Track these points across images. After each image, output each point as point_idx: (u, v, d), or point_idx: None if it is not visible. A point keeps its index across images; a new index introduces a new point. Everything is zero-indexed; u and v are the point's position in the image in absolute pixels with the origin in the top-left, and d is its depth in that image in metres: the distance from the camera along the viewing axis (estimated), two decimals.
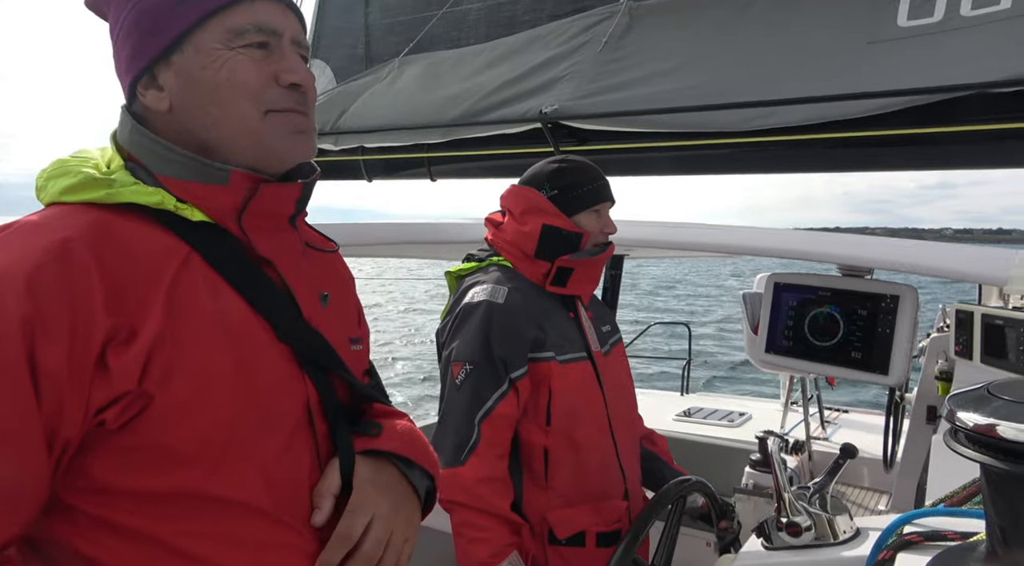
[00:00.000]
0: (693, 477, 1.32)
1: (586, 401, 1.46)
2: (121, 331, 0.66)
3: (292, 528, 0.75)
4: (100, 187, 0.72)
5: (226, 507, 0.71)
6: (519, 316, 1.40)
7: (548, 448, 1.42)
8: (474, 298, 1.43)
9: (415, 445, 0.86)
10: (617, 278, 3.35)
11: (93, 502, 0.68)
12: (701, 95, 2.08)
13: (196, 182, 0.76)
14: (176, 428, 0.68)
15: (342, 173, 3.10)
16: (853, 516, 0.98)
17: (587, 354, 1.50)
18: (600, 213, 1.52)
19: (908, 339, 1.57)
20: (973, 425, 0.50)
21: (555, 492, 1.43)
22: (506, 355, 1.38)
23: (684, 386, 4.43)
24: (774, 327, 1.78)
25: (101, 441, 0.68)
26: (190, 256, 0.73)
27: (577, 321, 1.53)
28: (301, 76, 0.78)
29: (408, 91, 2.86)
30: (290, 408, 0.77)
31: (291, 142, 0.78)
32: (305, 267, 0.85)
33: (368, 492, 0.78)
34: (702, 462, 2.93)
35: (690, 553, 2.52)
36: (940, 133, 1.76)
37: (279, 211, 0.81)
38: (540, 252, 1.47)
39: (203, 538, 0.70)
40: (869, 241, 1.70)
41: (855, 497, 2.86)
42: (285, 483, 0.75)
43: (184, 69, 0.76)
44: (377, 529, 0.77)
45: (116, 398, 0.66)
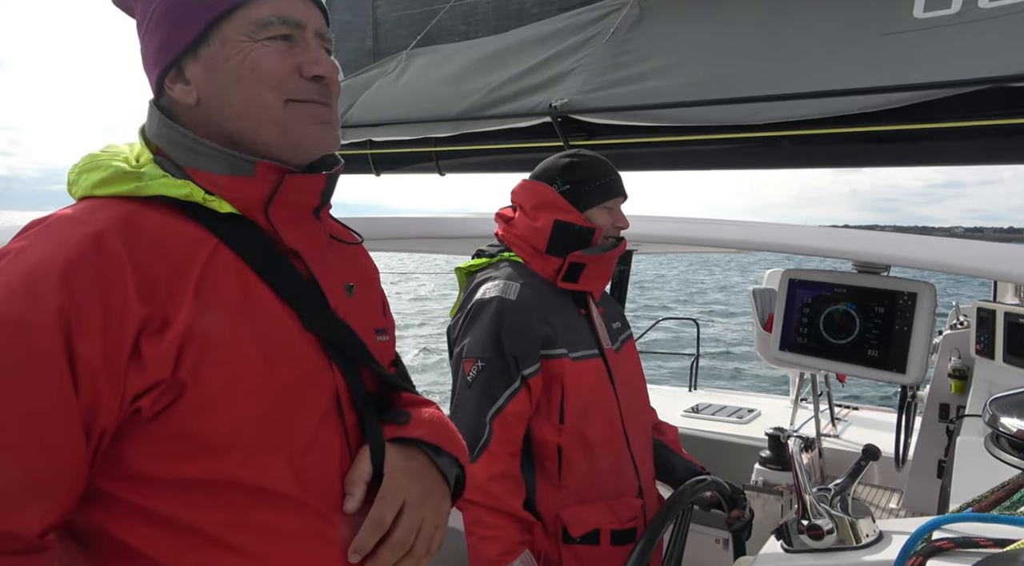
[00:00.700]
0: (709, 477, 1.30)
1: (599, 398, 1.45)
2: (154, 321, 0.68)
3: (324, 516, 0.76)
4: (130, 180, 0.74)
5: (258, 495, 0.72)
6: (531, 313, 1.39)
7: (561, 446, 1.41)
8: (485, 294, 1.42)
9: (444, 433, 0.87)
10: (626, 273, 3.32)
11: (129, 490, 0.70)
12: (711, 89, 2.05)
13: (223, 174, 0.77)
14: (208, 417, 0.69)
15: (350, 167, 3.05)
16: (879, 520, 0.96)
17: (599, 351, 1.48)
18: (612, 208, 1.50)
19: (926, 337, 1.55)
20: (1017, 431, 0.48)
21: (568, 490, 1.41)
22: (518, 352, 1.36)
23: (692, 382, 4.41)
24: (788, 324, 1.76)
25: (137, 429, 0.69)
26: (218, 247, 0.74)
27: (588, 318, 1.51)
28: (325, 68, 0.78)
29: (416, 84, 2.84)
30: (319, 397, 0.78)
31: (314, 132, 0.79)
32: (331, 259, 0.85)
33: (398, 479, 0.79)
34: (711, 458, 2.90)
35: (700, 551, 2.51)
36: (955, 128, 1.73)
37: (304, 203, 0.82)
38: (552, 248, 1.46)
39: (237, 526, 0.71)
40: (886, 237, 1.68)
41: (866, 495, 2.84)
42: (315, 471, 0.76)
43: (210, 61, 0.77)
44: (408, 516, 0.78)
45: (151, 386, 0.67)
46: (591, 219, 1.47)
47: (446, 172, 2.88)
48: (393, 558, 0.78)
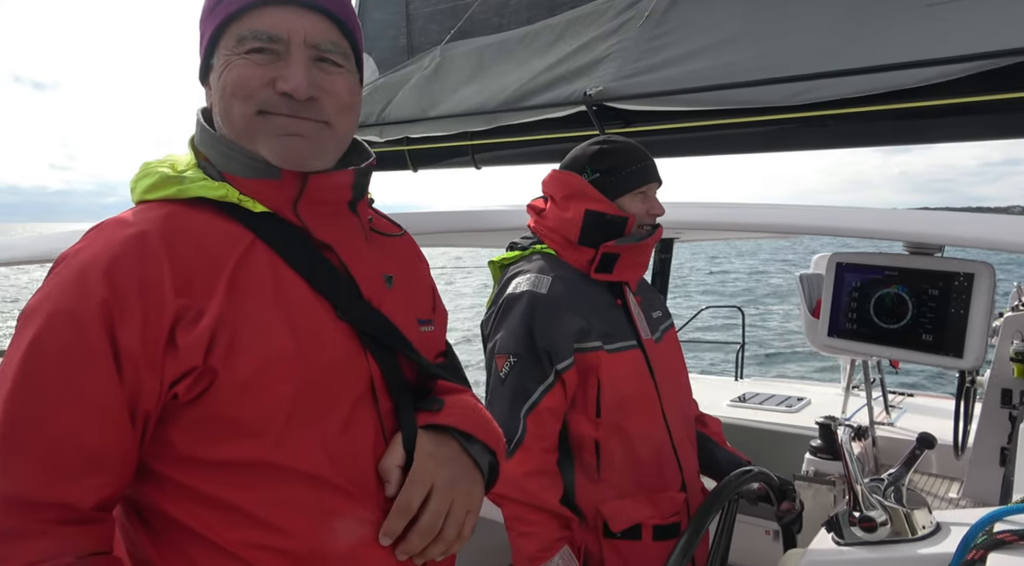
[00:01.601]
0: (755, 468, 1.27)
1: (637, 391, 1.42)
2: (189, 312, 0.73)
3: (357, 498, 0.79)
4: (173, 184, 0.80)
5: (292, 476, 0.76)
6: (563, 306, 1.37)
7: (599, 440, 1.39)
8: (517, 288, 1.40)
9: (476, 420, 0.88)
10: (667, 262, 3.27)
11: (176, 470, 0.76)
12: (749, 70, 1.99)
13: (252, 178, 0.82)
14: (240, 402, 0.74)
15: (387, 164, 3.11)
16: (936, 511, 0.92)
17: (637, 342, 1.45)
18: (646, 195, 1.46)
19: (984, 320, 1.48)
20: None
21: (608, 484, 1.40)
22: (550, 346, 1.35)
23: (738, 371, 4.33)
24: (837, 309, 1.70)
25: (177, 414, 0.75)
26: (254, 243, 0.79)
27: (625, 308, 1.48)
28: (292, 85, 0.78)
29: (450, 79, 2.85)
30: (352, 384, 0.81)
31: (279, 143, 0.80)
32: (368, 251, 0.89)
33: (427, 464, 0.81)
34: (759, 448, 2.85)
35: (751, 542, 2.47)
36: (1007, 100, 1.64)
37: (335, 199, 0.85)
38: (584, 238, 1.43)
39: (273, 505, 0.75)
40: (939, 216, 1.60)
41: (924, 484, 2.74)
42: (348, 456, 0.79)
43: (214, 73, 0.83)
44: (436, 501, 0.80)
45: (185, 373, 0.72)
46: (623, 207, 1.43)
47: (482, 165, 2.88)
48: (423, 542, 0.80)
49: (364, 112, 3.05)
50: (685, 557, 0.98)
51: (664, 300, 1.70)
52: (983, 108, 1.70)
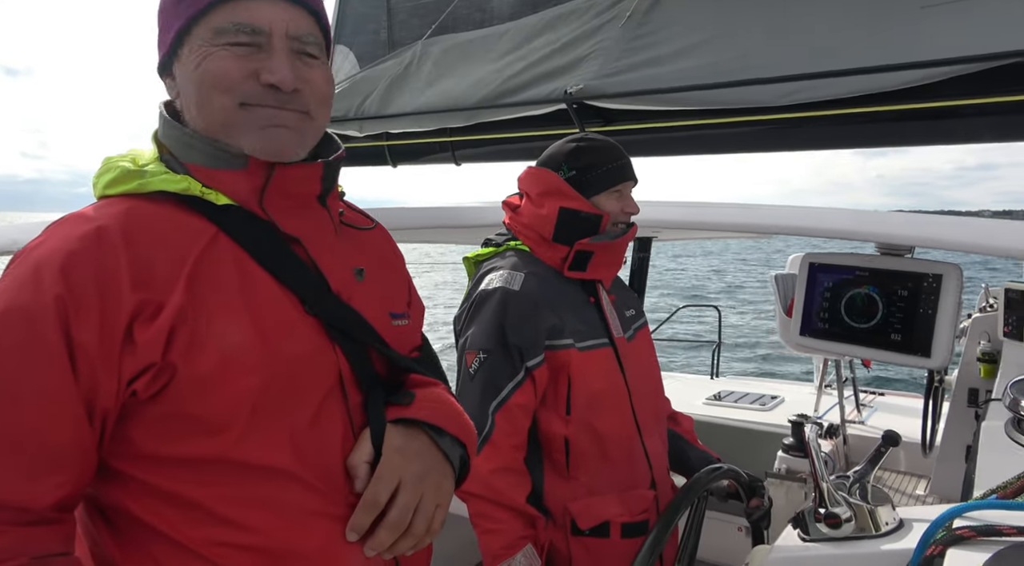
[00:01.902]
0: (724, 465, 1.28)
1: (608, 389, 1.42)
2: (147, 307, 0.71)
3: (324, 494, 0.78)
4: (134, 178, 0.79)
5: (257, 473, 0.75)
6: (535, 303, 1.37)
7: (568, 437, 1.38)
8: (489, 285, 1.40)
9: (447, 413, 0.88)
10: (645, 261, 3.29)
11: (138, 468, 0.74)
12: (733, 70, 2.00)
13: (216, 168, 0.80)
14: (201, 398, 0.72)
15: (367, 159, 3.09)
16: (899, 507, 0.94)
17: (609, 340, 1.45)
18: (621, 193, 1.46)
19: (952, 320, 1.50)
20: None
21: (578, 482, 1.40)
22: (522, 343, 1.35)
23: (714, 370, 4.37)
24: (809, 309, 1.73)
25: (137, 411, 0.73)
26: (217, 236, 0.78)
27: (598, 306, 1.48)
28: (279, 77, 0.78)
29: (431, 75, 2.83)
30: (320, 379, 0.80)
31: (263, 135, 0.79)
32: (339, 244, 0.88)
33: (395, 459, 0.80)
34: (733, 446, 2.88)
35: (722, 539, 2.49)
36: (995, 103, 1.67)
37: (303, 191, 0.84)
38: (558, 236, 1.43)
39: (237, 502, 0.74)
40: (910, 218, 1.63)
41: (892, 481, 2.79)
42: (316, 451, 0.78)
43: (183, 65, 0.81)
44: (404, 495, 0.80)
45: (143, 369, 0.71)
46: (598, 205, 1.43)
47: (462, 162, 2.87)
48: (391, 537, 0.79)
49: (344, 106, 3.02)
50: (653, 554, 0.98)
51: (639, 299, 1.70)
52: (964, 112, 1.72)
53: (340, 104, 3.04)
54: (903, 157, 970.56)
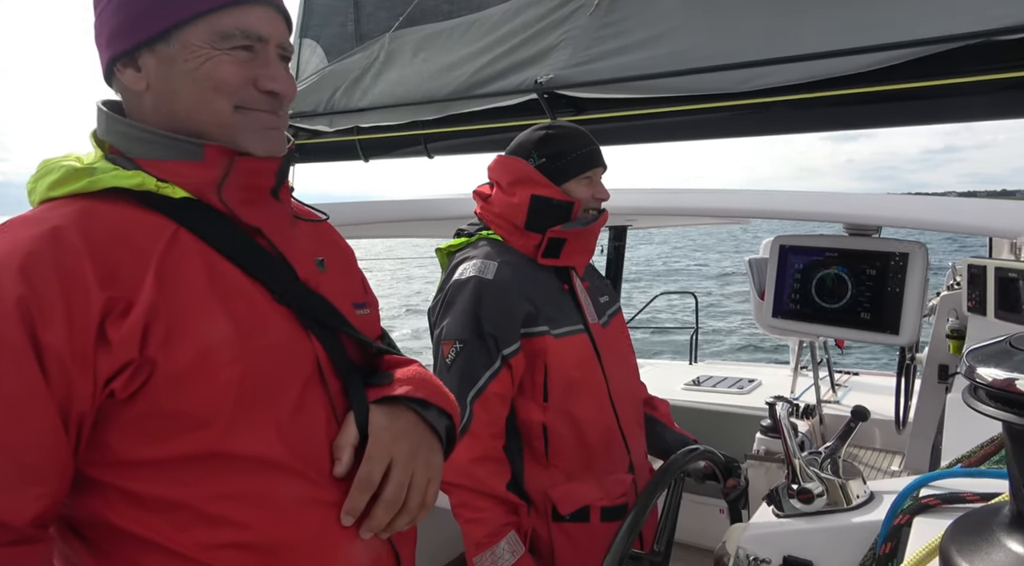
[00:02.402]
0: (700, 447, 1.29)
1: (584, 375, 1.43)
2: (117, 304, 0.69)
3: (314, 481, 0.78)
4: (82, 177, 0.76)
5: (247, 465, 0.74)
6: (510, 291, 1.37)
7: (547, 424, 1.39)
8: (463, 274, 1.40)
9: (428, 386, 0.88)
10: (620, 249, 3.31)
11: (116, 474, 0.72)
12: (701, 56, 2.01)
13: (173, 160, 0.78)
14: (183, 392, 0.71)
15: (338, 154, 3.05)
16: (866, 479, 0.96)
17: (584, 326, 1.46)
18: (591, 180, 1.46)
19: (919, 297, 1.53)
20: (993, 380, 0.47)
21: (557, 468, 1.41)
22: (497, 332, 1.35)
23: (692, 355, 4.42)
24: (780, 291, 1.75)
25: (114, 412, 0.71)
26: (178, 232, 0.76)
27: (572, 293, 1.48)
28: (281, 85, 0.81)
29: (400, 67, 2.81)
30: (299, 367, 0.79)
31: (260, 137, 0.82)
32: (296, 235, 0.88)
33: (383, 438, 0.81)
34: (713, 430, 2.92)
35: (703, 521, 2.53)
36: (953, 84, 1.70)
37: (259, 184, 0.83)
38: (530, 223, 1.43)
39: (227, 499, 0.73)
40: (876, 199, 1.66)
41: (867, 459, 2.85)
42: (302, 438, 0.78)
43: (168, 58, 0.78)
44: (397, 473, 0.80)
45: (121, 368, 0.69)
46: (569, 192, 1.43)
47: (435, 155, 2.85)
48: (387, 515, 0.80)
49: (313, 101, 2.98)
50: (631, 536, 0.99)
51: (612, 286, 1.72)
52: (923, 93, 1.75)
53: (309, 98, 3.00)
54: (872, 141, 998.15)
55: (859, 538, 0.81)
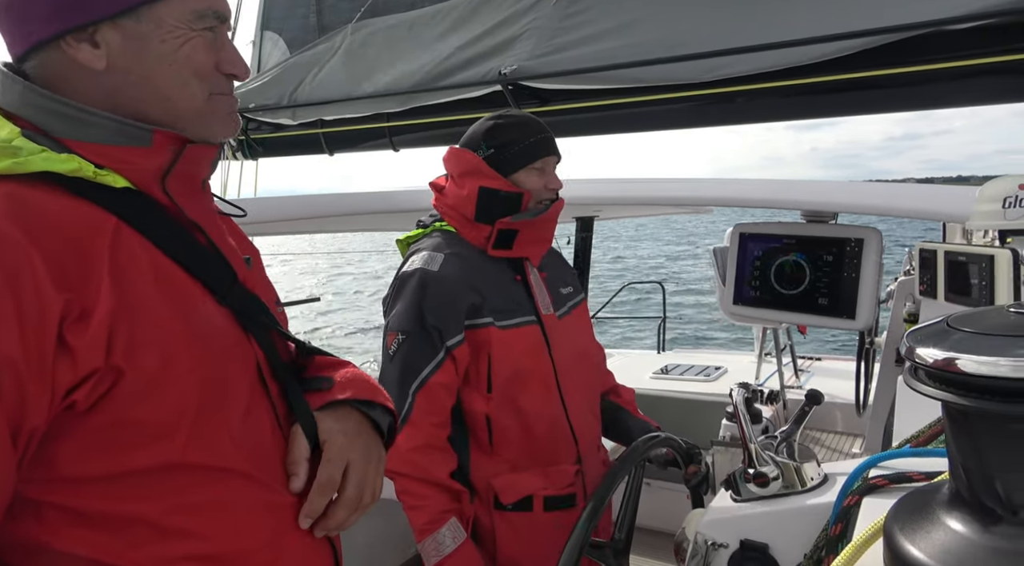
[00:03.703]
0: (662, 433, 1.31)
1: (531, 366, 1.42)
2: (74, 308, 0.63)
3: (267, 485, 0.77)
4: (4, 157, 0.66)
5: (205, 474, 0.71)
6: (454, 283, 1.37)
7: (490, 415, 1.40)
8: (411, 266, 1.40)
9: (369, 387, 0.88)
10: (588, 240, 3.32)
11: (61, 493, 0.66)
12: (664, 47, 2.02)
13: (115, 145, 0.72)
14: (148, 401, 0.67)
15: (302, 148, 3.01)
16: (825, 461, 0.97)
17: (535, 318, 1.45)
18: (542, 170, 1.45)
19: (874, 282, 1.57)
20: (933, 361, 0.47)
21: (501, 458, 1.42)
22: (440, 324, 1.35)
23: (660, 344, 4.47)
24: (741, 278, 1.77)
25: (70, 425, 0.65)
26: (119, 226, 0.70)
27: (525, 284, 1.47)
28: (241, 68, 0.80)
29: (363, 58, 2.77)
30: (244, 370, 0.78)
31: (228, 121, 0.81)
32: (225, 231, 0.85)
33: (339, 442, 0.81)
34: (680, 417, 2.95)
35: (671, 507, 2.55)
36: (910, 73, 1.73)
37: (197, 174, 0.80)
38: (479, 215, 1.42)
39: (187, 510, 0.70)
40: (831, 186, 1.69)
41: (829, 442, 2.91)
42: (253, 443, 0.76)
43: (140, 37, 0.72)
44: (354, 473, 0.81)
45: (85, 377, 0.64)
46: (519, 183, 1.42)
47: (400, 148, 2.82)
48: (347, 515, 0.81)
49: (275, 93, 2.93)
50: (591, 523, 1.00)
51: (576, 274, 1.72)
52: (881, 82, 1.78)
53: (272, 91, 2.95)
54: (835, 129, 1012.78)
55: (813, 520, 0.82)
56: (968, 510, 0.47)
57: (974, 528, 0.46)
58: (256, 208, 1.98)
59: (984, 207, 1.37)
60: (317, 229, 3.19)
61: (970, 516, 0.46)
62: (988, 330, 0.45)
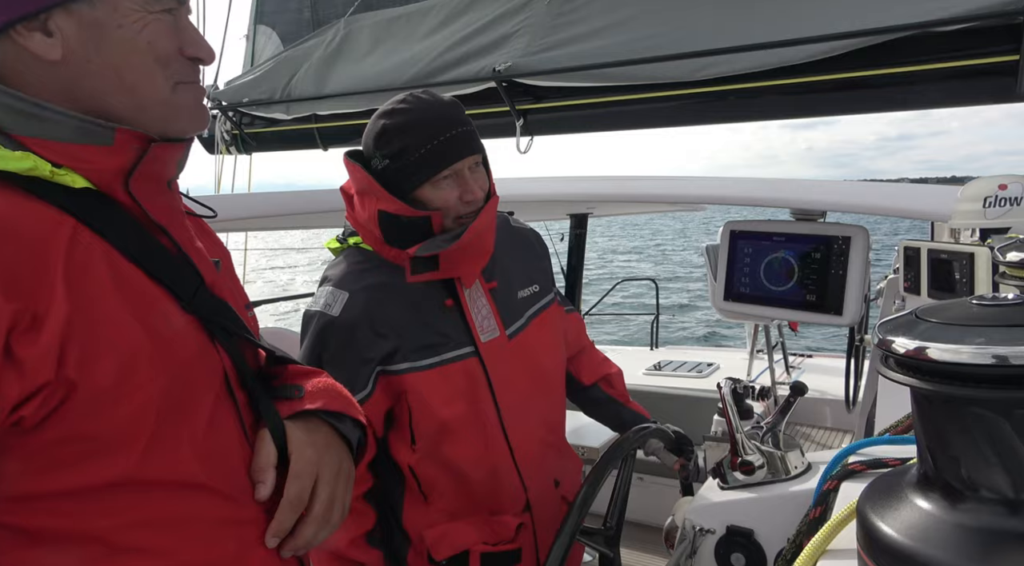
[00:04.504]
0: (652, 424, 1.33)
1: (465, 411, 1.23)
2: (23, 317, 0.59)
3: (232, 500, 0.74)
4: None
5: (163, 489, 0.68)
6: (359, 329, 1.17)
7: (414, 467, 1.24)
8: (314, 305, 1.23)
9: (340, 398, 0.85)
10: (582, 238, 3.34)
11: (5, 512, 0.62)
12: (654, 46, 2.05)
13: (74, 143, 0.67)
14: (102, 414, 0.64)
15: (296, 143, 3.02)
16: (812, 452, 1.01)
17: (473, 349, 1.24)
18: (455, 178, 1.17)
19: (861, 279, 1.60)
20: (904, 351, 0.50)
21: (435, 507, 1.27)
22: (343, 377, 1.08)
23: (653, 341, 4.50)
24: (731, 275, 1.80)
25: (14, 441, 0.61)
26: (77, 228, 0.66)
27: (459, 308, 1.24)
28: (205, 51, 0.76)
29: (358, 53, 2.79)
30: (210, 379, 0.74)
31: (197, 113, 0.77)
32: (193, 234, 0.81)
33: (308, 455, 0.77)
34: (673, 413, 2.99)
35: (661, 501, 2.59)
36: (898, 74, 1.76)
37: (163, 174, 0.75)
38: (388, 239, 1.20)
39: (144, 526, 0.67)
40: (820, 184, 1.72)
41: (819, 437, 2.95)
42: (217, 456, 0.73)
43: (94, 23, 0.67)
44: (323, 490, 0.78)
45: (35, 391, 0.60)
46: (423, 202, 1.16)
47: None
48: (314, 533, 0.78)
49: (269, 87, 2.94)
50: (583, 510, 1.02)
51: (546, 268, 1.47)
52: (869, 82, 1.81)
53: (265, 86, 2.95)
54: (830, 129, 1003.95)
55: (796, 506, 0.85)
56: (934, 489, 0.49)
57: (940, 506, 0.48)
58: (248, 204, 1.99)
59: (965, 206, 1.40)
60: (301, 225, 3.20)
61: (936, 495, 0.49)
62: (952, 321, 0.48)
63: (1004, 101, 1.61)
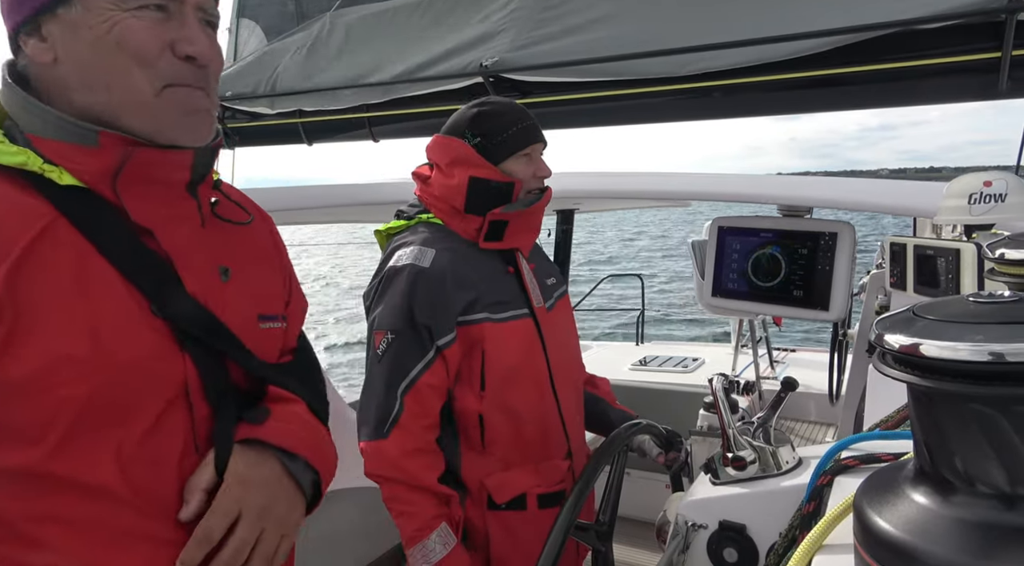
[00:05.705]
0: (642, 421, 1.34)
1: (525, 361, 1.40)
2: None
3: (149, 515, 0.71)
4: None
5: (72, 489, 0.67)
6: (447, 280, 1.33)
7: (483, 414, 1.37)
8: (399, 262, 1.36)
9: (302, 435, 0.81)
10: (568, 233, 3.34)
11: None
12: (641, 41, 2.05)
13: (65, 142, 0.71)
14: (14, 405, 0.64)
15: (280, 137, 2.98)
16: (798, 447, 1.01)
17: (529, 311, 1.43)
18: (531, 157, 1.42)
19: (847, 274, 1.61)
20: (899, 346, 0.50)
21: (493, 456, 1.40)
22: (431, 322, 1.31)
23: (639, 336, 4.52)
24: (719, 271, 1.81)
25: None
26: (56, 222, 0.68)
27: (518, 275, 1.45)
28: (199, 48, 0.72)
29: (343, 48, 2.76)
30: (160, 388, 0.72)
31: (185, 122, 0.74)
32: (205, 239, 0.80)
33: (235, 492, 0.74)
34: (659, 408, 3.01)
35: (650, 496, 2.61)
36: (879, 70, 1.78)
37: (169, 178, 0.75)
38: (470, 206, 1.38)
39: (50, 521, 0.67)
40: (807, 181, 1.73)
41: (803, 431, 2.98)
42: (147, 468, 0.71)
43: (72, 25, 0.70)
44: (242, 530, 0.73)
45: None
46: (508, 172, 1.39)
47: (380, 138, 2.81)
48: None
49: (252, 81, 2.90)
50: (577, 506, 1.03)
51: (564, 269, 1.74)
52: (852, 79, 1.83)
53: (249, 79, 2.91)
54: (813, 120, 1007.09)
55: (788, 500, 0.86)
56: (931, 484, 0.50)
57: (936, 500, 0.49)
58: None
59: (951, 203, 1.42)
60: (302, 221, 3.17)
61: (932, 489, 0.50)
62: (950, 318, 0.48)
63: (987, 98, 1.64)
